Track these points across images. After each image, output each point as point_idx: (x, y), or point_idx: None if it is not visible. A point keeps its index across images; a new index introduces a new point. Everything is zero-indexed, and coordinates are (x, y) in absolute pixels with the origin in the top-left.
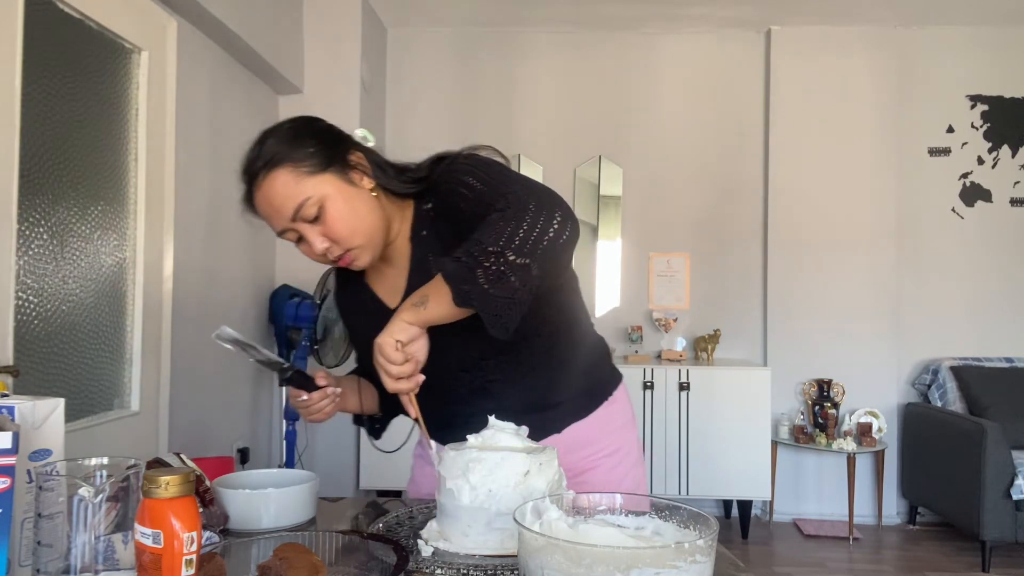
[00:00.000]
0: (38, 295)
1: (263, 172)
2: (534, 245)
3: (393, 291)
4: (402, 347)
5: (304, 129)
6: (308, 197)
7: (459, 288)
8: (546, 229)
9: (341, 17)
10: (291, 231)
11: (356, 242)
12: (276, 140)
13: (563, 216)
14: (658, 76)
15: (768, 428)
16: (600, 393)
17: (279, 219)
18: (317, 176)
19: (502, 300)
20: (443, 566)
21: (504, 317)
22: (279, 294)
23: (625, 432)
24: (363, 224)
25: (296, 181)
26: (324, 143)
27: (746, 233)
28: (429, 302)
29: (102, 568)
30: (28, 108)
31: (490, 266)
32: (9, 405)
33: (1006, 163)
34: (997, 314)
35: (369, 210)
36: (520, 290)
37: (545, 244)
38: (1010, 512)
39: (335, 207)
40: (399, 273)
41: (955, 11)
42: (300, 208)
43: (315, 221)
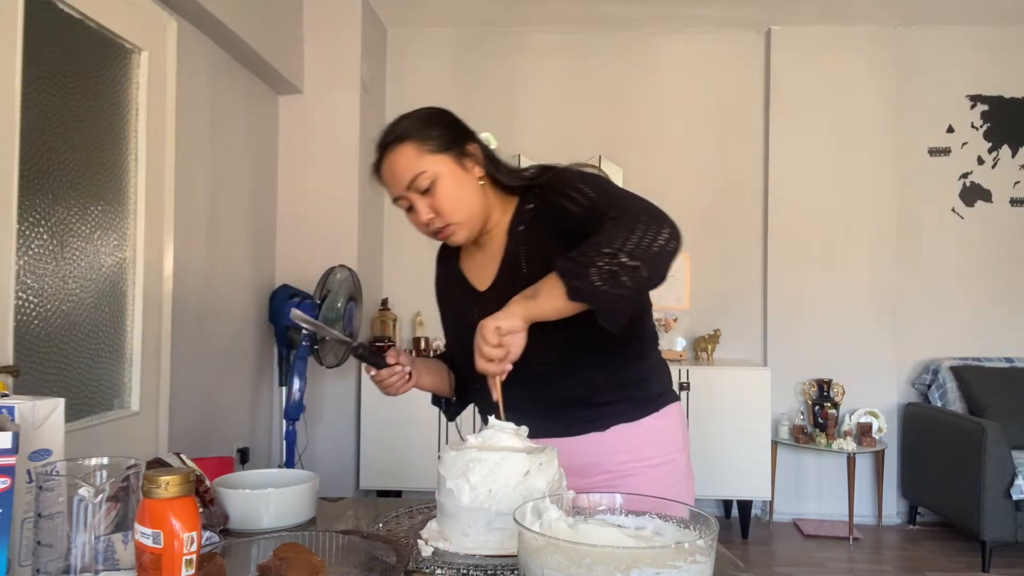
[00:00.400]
0: (38, 295)
1: (393, 144)
2: (645, 250)
3: (482, 276)
4: (500, 334)
5: (434, 116)
6: (424, 171)
7: (573, 284)
8: (656, 238)
9: (341, 17)
10: (404, 199)
11: (456, 218)
12: (409, 121)
13: (671, 230)
14: (658, 76)
15: (768, 428)
16: (651, 404)
17: (396, 186)
18: (436, 155)
19: (613, 296)
20: (443, 566)
21: (615, 312)
22: (279, 294)
23: (674, 451)
24: (466, 204)
25: (417, 155)
26: (448, 130)
27: (746, 233)
28: (540, 296)
29: (102, 568)
30: (28, 108)
31: (603, 265)
32: (9, 405)
33: (1006, 163)
34: (997, 314)
35: (473, 194)
36: (630, 289)
37: (655, 251)
38: (1010, 512)
39: (445, 184)
40: (491, 260)
41: (955, 11)
42: (415, 179)
43: (425, 193)
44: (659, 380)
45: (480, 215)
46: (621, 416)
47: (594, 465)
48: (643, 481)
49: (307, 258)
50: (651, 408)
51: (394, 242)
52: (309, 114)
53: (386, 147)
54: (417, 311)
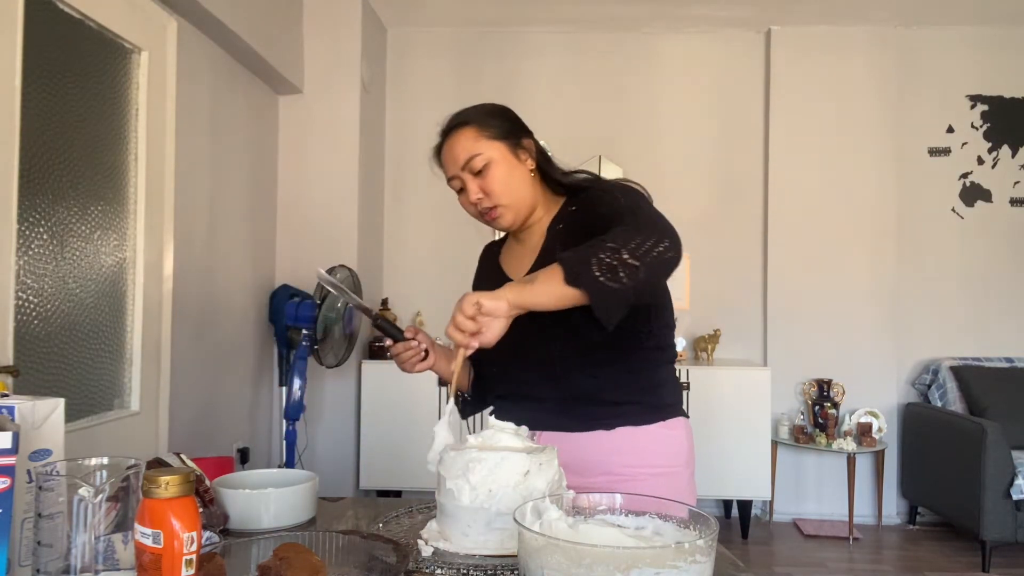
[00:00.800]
0: (38, 295)
1: (456, 128)
2: (646, 253)
3: (518, 267)
4: (480, 311)
5: (496, 109)
6: (480, 153)
7: (572, 269)
8: (657, 245)
9: (341, 17)
10: (457, 179)
11: (504, 201)
12: (472, 109)
13: (672, 242)
14: (658, 76)
15: (768, 428)
16: (659, 413)
17: (453, 165)
18: (492, 141)
19: (609, 289)
20: (443, 566)
21: (609, 305)
22: (279, 294)
23: (678, 464)
24: (514, 190)
25: (475, 139)
26: (507, 123)
27: (746, 233)
28: (537, 281)
29: (102, 568)
30: (28, 108)
31: (604, 258)
32: (9, 405)
33: (1006, 163)
34: (997, 314)
35: (522, 182)
36: (626, 286)
37: (655, 255)
38: (1010, 512)
39: (497, 168)
40: (528, 253)
41: (955, 11)
42: (471, 160)
43: (478, 175)
44: (670, 392)
45: (527, 203)
46: (628, 418)
47: (596, 464)
48: (643, 488)
49: (307, 258)
50: (658, 416)
51: (394, 242)
52: (309, 114)
53: (449, 131)
54: (417, 311)
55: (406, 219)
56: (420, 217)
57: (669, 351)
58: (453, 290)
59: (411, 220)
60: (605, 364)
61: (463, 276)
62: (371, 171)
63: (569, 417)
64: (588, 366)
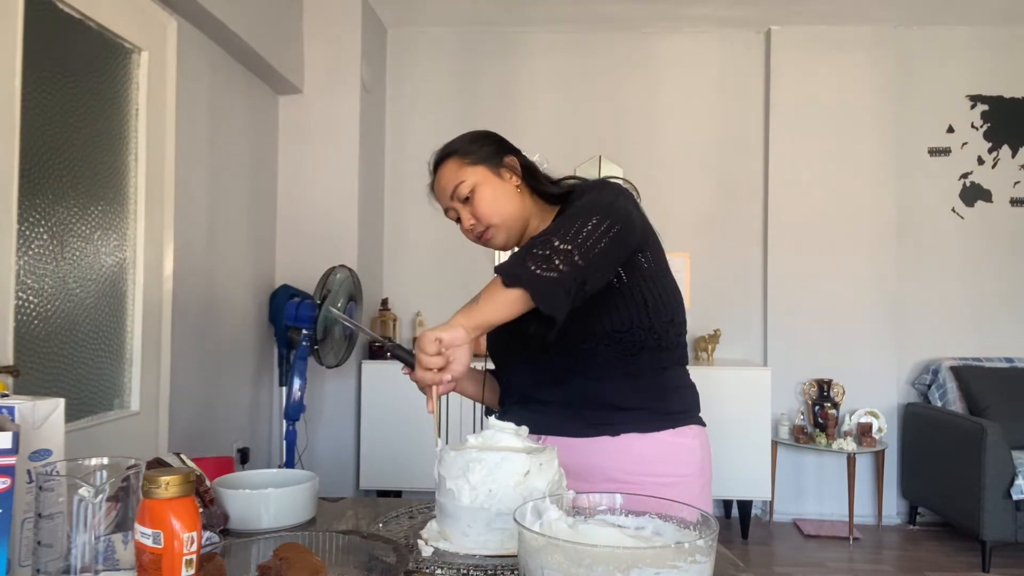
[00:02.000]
0: (38, 295)
1: (441, 161)
2: (577, 235)
3: None
4: (441, 344)
5: (478, 135)
6: (463, 180)
7: (508, 272)
8: (597, 227)
9: (341, 17)
10: (452, 209)
11: (494, 221)
12: (457, 141)
13: (610, 222)
14: (658, 76)
15: (768, 428)
16: (667, 420)
17: (444, 197)
18: (474, 167)
19: (547, 279)
20: (443, 566)
21: (551, 296)
22: (279, 294)
23: (688, 473)
24: (502, 209)
25: (459, 167)
26: (488, 145)
27: (746, 233)
28: (480, 299)
29: (102, 568)
30: (28, 108)
31: (538, 252)
32: (9, 405)
33: (1006, 163)
34: (997, 314)
35: (509, 200)
36: (564, 272)
37: (588, 236)
38: (1010, 512)
39: (482, 192)
40: None
41: (955, 11)
42: (456, 188)
43: (466, 201)
44: (681, 399)
45: (518, 219)
46: (634, 425)
47: (600, 470)
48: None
49: (307, 258)
50: (667, 424)
51: (394, 242)
52: (309, 114)
53: (436, 165)
54: (417, 311)
55: (406, 219)
56: (420, 217)
57: (677, 352)
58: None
59: (411, 220)
60: (605, 367)
61: (463, 276)
62: (371, 171)
63: (574, 422)
64: (589, 368)
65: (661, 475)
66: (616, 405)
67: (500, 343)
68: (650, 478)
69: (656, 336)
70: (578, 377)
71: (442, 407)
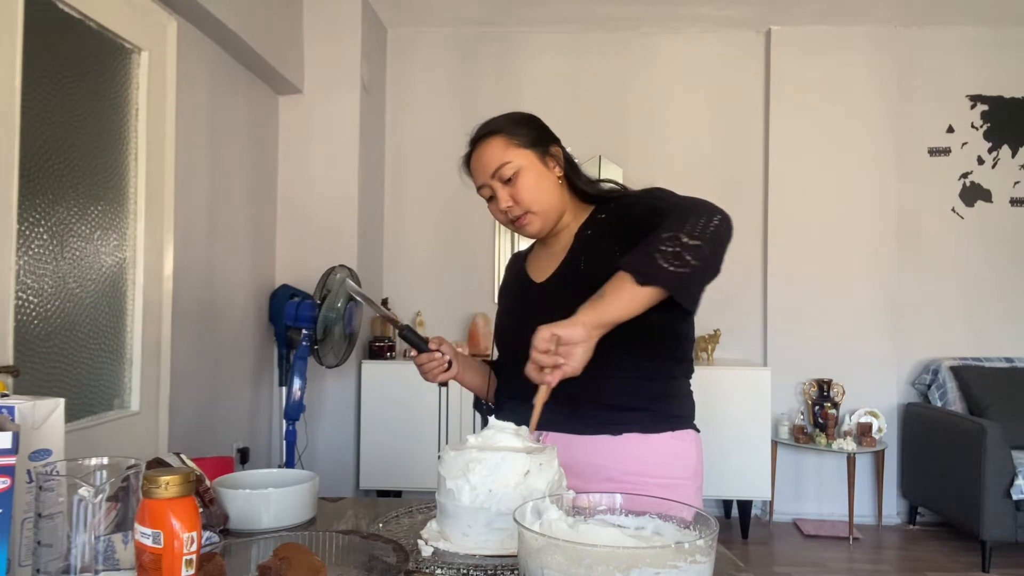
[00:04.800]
0: (38, 295)
1: (484, 137)
2: (703, 230)
3: (543, 270)
4: (558, 342)
5: (525, 117)
6: (509, 161)
7: (640, 270)
8: (710, 220)
9: (341, 17)
10: (487, 187)
11: (533, 208)
12: (502, 119)
13: (722, 216)
14: (658, 76)
15: (768, 428)
16: (668, 422)
17: (482, 174)
18: (521, 149)
19: (683, 275)
20: (443, 566)
21: (689, 289)
22: (279, 294)
23: (685, 477)
24: (543, 197)
25: (505, 147)
26: (535, 130)
27: (746, 233)
28: (607, 295)
29: (102, 568)
30: (28, 108)
31: (666, 249)
32: (9, 405)
33: (1006, 163)
34: (997, 314)
35: (551, 189)
36: (696, 267)
37: (712, 230)
38: (1010, 512)
39: (526, 176)
40: (553, 257)
41: (955, 11)
42: (500, 168)
43: (508, 183)
44: (682, 405)
45: (556, 210)
46: (636, 425)
47: (600, 469)
48: None
49: (307, 258)
50: (667, 426)
51: (394, 242)
52: (309, 114)
53: (478, 140)
54: (417, 311)
55: (406, 219)
56: (420, 217)
57: (686, 365)
58: (453, 290)
59: (411, 220)
60: (618, 367)
61: (463, 276)
62: (371, 171)
63: (577, 419)
64: (603, 367)
65: (660, 476)
66: (620, 405)
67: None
68: (650, 479)
69: (671, 348)
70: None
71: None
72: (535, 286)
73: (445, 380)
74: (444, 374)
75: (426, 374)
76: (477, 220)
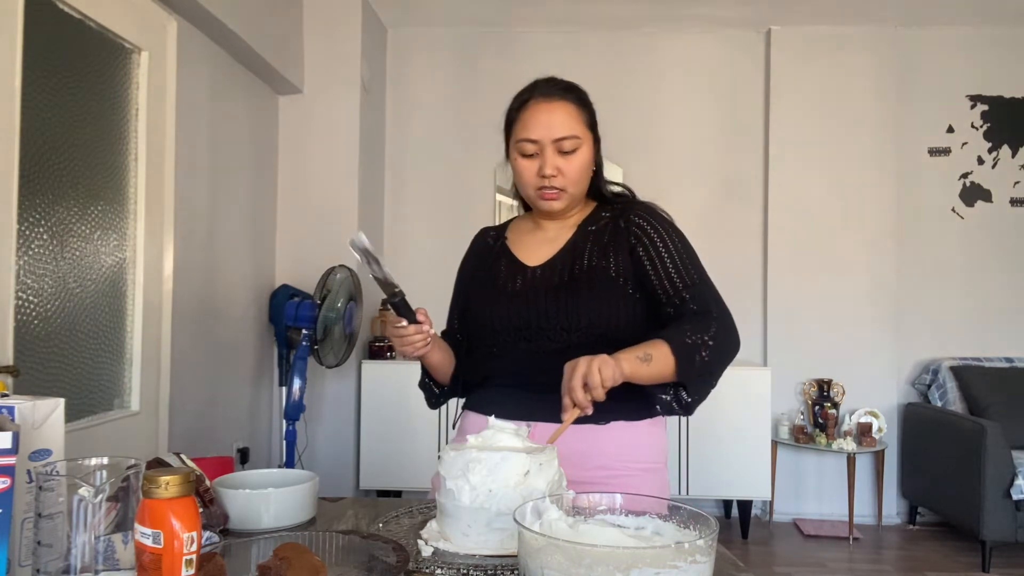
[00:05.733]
0: (38, 295)
1: (564, 95)
2: (723, 356)
3: (535, 254)
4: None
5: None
6: (577, 136)
7: (685, 366)
8: (729, 348)
9: (341, 17)
10: (537, 146)
11: (572, 189)
12: (576, 86)
13: (736, 338)
14: (658, 76)
15: (768, 428)
16: (647, 410)
17: (543, 132)
18: (587, 129)
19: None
20: (443, 566)
21: (697, 402)
22: (279, 294)
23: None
24: (583, 182)
25: (578, 119)
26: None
27: (746, 233)
28: (654, 363)
29: (102, 568)
30: (28, 108)
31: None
32: (9, 405)
33: (1006, 163)
34: (997, 314)
35: (588, 177)
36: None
37: (727, 356)
38: (1010, 512)
39: (583, 156)
40: (548, 244)
41: (955, 11)
42: (567, 138)
43: (564, 154)
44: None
45: (581, 196)
46: (621, 414)
47: (592, 457)
48: (636, 483)
49: (307, 258)
50: (647, 414)
51: (394, 242)
52: (309, 114)
53: (553, 90)
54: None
55: (406, 219)
56: (420, 217)
57: None
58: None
59: (411, 220)
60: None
61: None
62: (371, 171)
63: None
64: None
65: (645, 461)
66: (608, 396)
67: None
68: (636, 464)
69: None
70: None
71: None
72: (529, 269)
73: (422, 355)
74: (424, 348)
75: (406, 347)
76: (477, 220)
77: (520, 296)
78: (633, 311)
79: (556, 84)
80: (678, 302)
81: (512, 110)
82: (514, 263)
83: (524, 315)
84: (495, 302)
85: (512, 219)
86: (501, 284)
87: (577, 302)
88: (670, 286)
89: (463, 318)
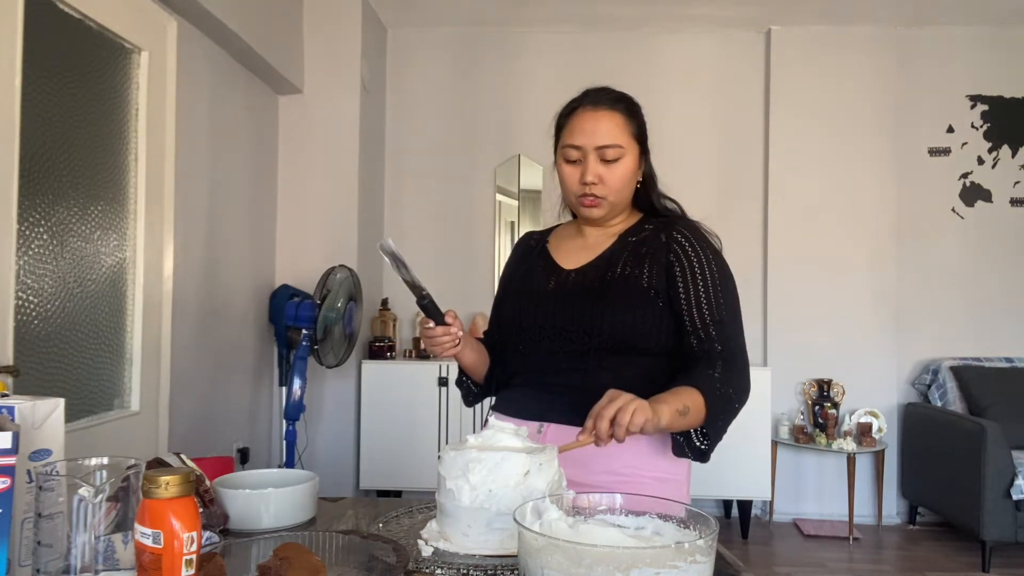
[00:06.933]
0: (38, 295)
1: (614, 104)
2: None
3: (572, 258)
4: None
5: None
6: (622, 146)
7: (713, 423)
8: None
9: (341, 17)
10: (580, 152)
11: (612, 198)
12: (626, 96)
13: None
14: (658, 76)
15: (768, 428)
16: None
17: (588, 138)
18: (632, 139)
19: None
20: (443, 566)
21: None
22: (279, 294)
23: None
24: (625, 192)
25: (623, 129)
26: (644, 127)
27: (746, 233)
28: (690, 416)
29: (102, 568)
30: (28, 108)
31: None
32: (9, 405)
33: (1006, 163)
34: (997, 314)
35: (631, 188)
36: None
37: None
38: (1010, 512)
39: (625, 166)
40: (587, 249)
41: (955, 11)
42: (610, 146)
43: (607, 162)
44: None
45: (623, 206)
46: None
47: (600, 461)
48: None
49: (307, 258)
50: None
51: (394, 242)
52: (309, 114)
53: (602, 102)
54: (417, 311)
55: (406, 219)
56: (420, 217)
57: None
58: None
59: (411, 221)
60: (632, 365)
61: (463, 276)
62: (371, 171)
63: (582, 412)
64: (619, 365)
65: (657, 470)
66: None
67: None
68: (646, 472)
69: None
70: (604, 370)
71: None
72: (563, 272)
73: (452, 355)
74: (454, 349)
75: (435, 347)
76: (477, 220)
77: (550, 296)
78: (659, 323)
79: (607, 94)
80: (703, 336)
81: (561, 116)
82: (551, 265)
83: (550, 315)
84: (526, 300)
85: (557, 225)
86: (535, 284)
87: (602, 307)
88: (698, 316)
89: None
